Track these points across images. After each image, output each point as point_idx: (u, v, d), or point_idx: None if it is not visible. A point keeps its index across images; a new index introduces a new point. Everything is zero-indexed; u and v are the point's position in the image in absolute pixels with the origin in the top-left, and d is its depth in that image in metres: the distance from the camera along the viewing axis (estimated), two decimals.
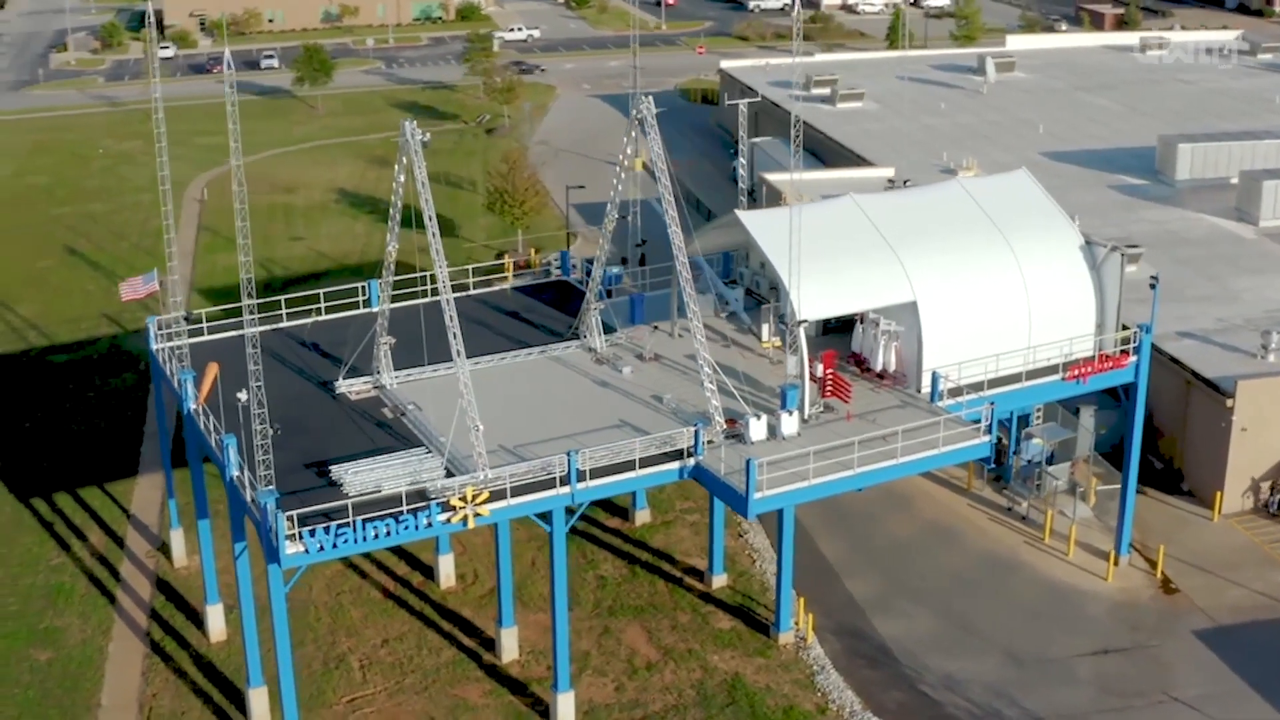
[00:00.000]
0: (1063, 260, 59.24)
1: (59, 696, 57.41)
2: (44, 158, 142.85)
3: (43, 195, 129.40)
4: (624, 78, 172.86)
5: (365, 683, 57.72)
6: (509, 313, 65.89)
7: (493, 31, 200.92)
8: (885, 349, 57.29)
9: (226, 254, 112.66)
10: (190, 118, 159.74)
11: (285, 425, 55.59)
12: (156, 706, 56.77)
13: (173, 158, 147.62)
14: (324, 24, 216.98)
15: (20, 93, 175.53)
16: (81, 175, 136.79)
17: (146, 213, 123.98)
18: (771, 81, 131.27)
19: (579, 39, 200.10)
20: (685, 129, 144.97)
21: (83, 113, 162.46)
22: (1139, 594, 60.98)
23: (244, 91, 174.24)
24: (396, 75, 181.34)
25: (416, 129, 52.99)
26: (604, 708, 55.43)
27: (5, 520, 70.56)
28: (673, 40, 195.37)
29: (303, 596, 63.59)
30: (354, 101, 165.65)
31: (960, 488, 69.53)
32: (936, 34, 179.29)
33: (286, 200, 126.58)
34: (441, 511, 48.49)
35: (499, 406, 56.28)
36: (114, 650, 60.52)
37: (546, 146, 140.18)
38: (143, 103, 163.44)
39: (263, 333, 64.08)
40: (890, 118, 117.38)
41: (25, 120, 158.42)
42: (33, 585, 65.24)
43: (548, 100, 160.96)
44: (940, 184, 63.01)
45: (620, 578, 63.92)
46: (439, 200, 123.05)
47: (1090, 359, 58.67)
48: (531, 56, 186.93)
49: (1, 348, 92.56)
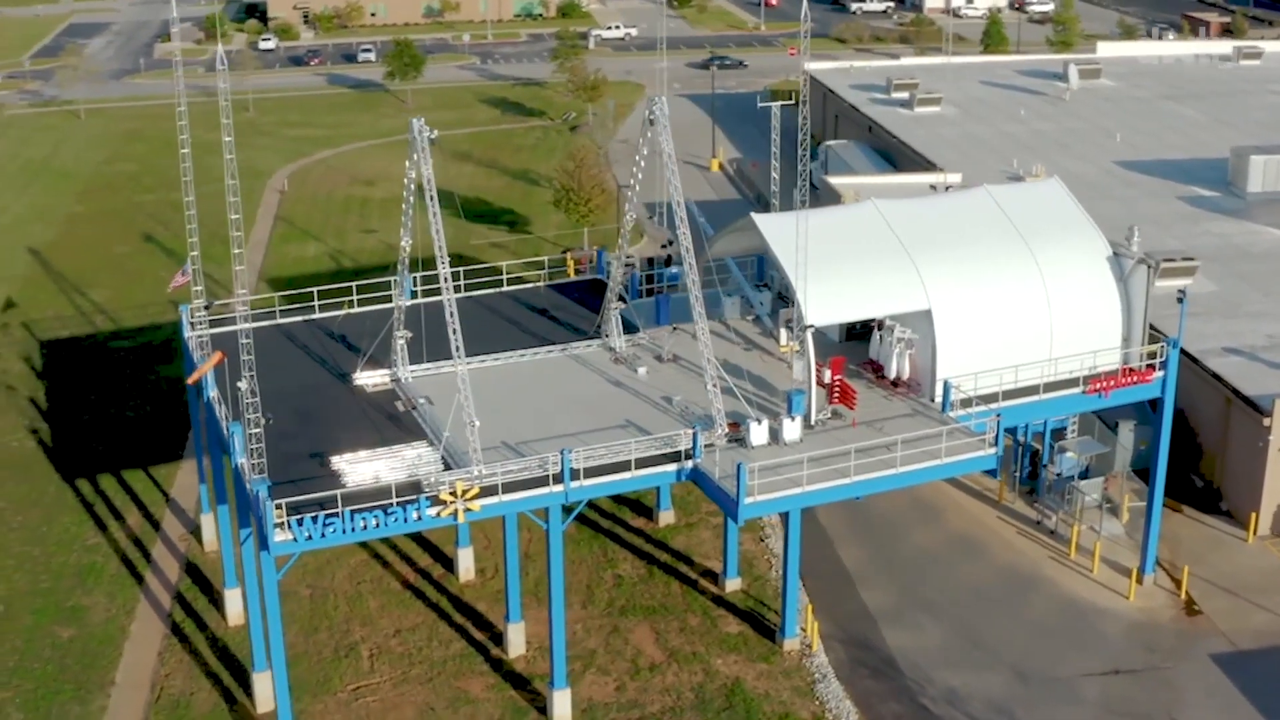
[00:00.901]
0: (1088, 271, 58.02)
1: (76, 673, 58.59)
2: (136, 145, 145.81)
3: (130, 182, 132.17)
4: (717, 78, 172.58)
5: (372, 671, 58.23)
6: (538, 310, 66.04)
7: (589, 29, 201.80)
8: (899, 357, 56.56)
9: (299, 244, 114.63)
10: (281, 109, 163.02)
11: (299, 416, 56.40)
12: (168, 686, 57.72)
13: (260, 148, 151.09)
14: (425, 19, 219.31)
15: (122, 81, 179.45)
16: (169, 164, 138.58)
17: (223, 201, 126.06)
18: (853, 84, 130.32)
19: (676, 38, 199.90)
20: (768, 131, 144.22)
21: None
22: (1159, 614, 59.63)
23: (338, 85, 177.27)
24: (489, 71, 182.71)
25: (424, 126, 53.09)
26: (603, 706, 55.39)
27: (50, 500, 72.19)
28: (769, 41, 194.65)
29: (324, 584, 64.45)
30: (444, 96, 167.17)
31: (992, 500, 68.49)
32: (1035, 39, 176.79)
33: (365, 193, 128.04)
34: (431, 505, 48.75)
35: (510, 403, 56.57)
36: (135, 630, 61.65)
37: (627, 145, 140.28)
38: (237, 94, 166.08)
39: (294, 324, 65.41)
40: (967, 123, 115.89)
41: (122, 108, 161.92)
42: (66, 564, 66.64)
43: (636, 99, 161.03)
44: (967, 191, 62.01)
45: (637, 577, 63.83)
46: (515, 196, 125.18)
47: (1113, 372, 57.33)
48: (626, 55, 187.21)
49: (70, 331, 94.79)
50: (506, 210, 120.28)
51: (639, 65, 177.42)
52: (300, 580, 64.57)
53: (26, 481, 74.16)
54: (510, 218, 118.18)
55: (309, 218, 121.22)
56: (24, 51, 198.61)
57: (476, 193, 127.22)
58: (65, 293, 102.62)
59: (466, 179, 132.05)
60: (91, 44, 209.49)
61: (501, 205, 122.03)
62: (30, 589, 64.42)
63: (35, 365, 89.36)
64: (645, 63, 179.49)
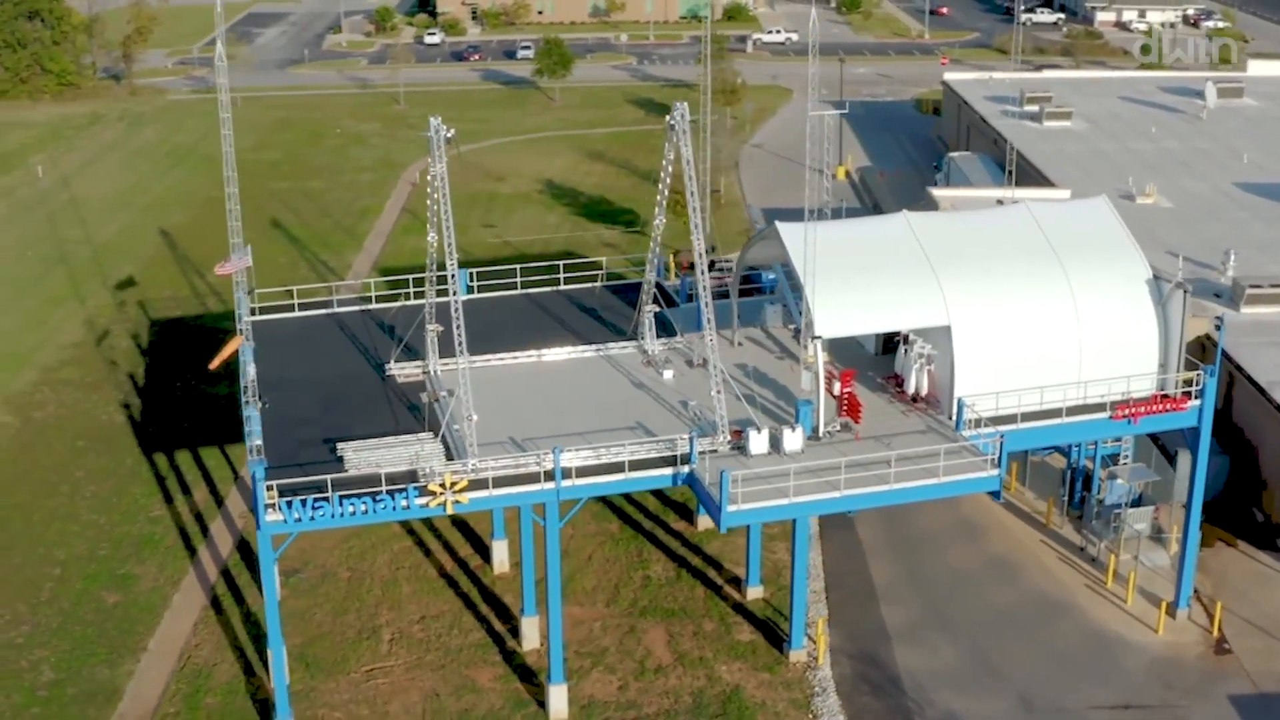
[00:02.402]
0: (1125, 294, 56.43)
1: (112, 637, 60.97)
2: (283, 134, 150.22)
3: (270, 170, 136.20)
4: (868, 84, 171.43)
5: (389, 654, 59.45)
6: (588, 310, 66.65)
7: (750, 33, 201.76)
8: (918, 372, 55.79)
9: (419, 236, 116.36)
10: (431, 103, 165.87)
11: (326, 402, 58.00)
12: (194, 656, 59.72)
13: (402, 140, 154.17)
14: (591, 18, 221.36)
15: (285, 71, 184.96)
16: (312, 153, 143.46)
17: (359, 192, 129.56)
18: (988, 96, 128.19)
19: (838, 44, 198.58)
20: (904, 140, 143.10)
21: (334, 93, 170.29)
22: (1186, 650, 57.76)
23: (491, 81, 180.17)
24: (642, 72, 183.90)
25: (441, 124, 54.09)
26: (602, 704, 55.75)
27: (125, 472, 75.11)
28: (930, 49, 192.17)
29: (364, 568, 65.99)
30: (592, 95, 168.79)
31: (1041, 522, 67.05)
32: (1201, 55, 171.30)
33: (493, 189, 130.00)
34: (420, 496, 49.71)
35: (528, 399, 57.41)
36: (177, 600, 63.85)
37: (759, 149, 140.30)
38: (391, 86, 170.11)
39: (350, 313, 67.19)
40: (1095, 139, 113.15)
41: (278, 97, 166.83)
42: (126, 534, 69.29)
43: (779, 104, 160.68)
44: (1007, 207, 60.72)
45: (665, 580, 63.99)
46: (639, 196, 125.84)
47: (1144, 398, 55.73)
48: (782, 60, 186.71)
49: (181, 311, 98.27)
50: (627, 210, 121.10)
51: (786, 70, 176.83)
52: (342, 563, 66.26)
53: (108, 454, 77.23)
54: (629, 217, 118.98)
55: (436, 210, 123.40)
56: (202, 38, 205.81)
57: (601, 191, 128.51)
58: (185, 274, 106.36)
59: (595, 178, 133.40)
60: (266, 33, 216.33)
61: (623, 205, 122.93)
62: (88, 555, 67.17)
63: (141, 343, 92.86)
64: (800, 67, 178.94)
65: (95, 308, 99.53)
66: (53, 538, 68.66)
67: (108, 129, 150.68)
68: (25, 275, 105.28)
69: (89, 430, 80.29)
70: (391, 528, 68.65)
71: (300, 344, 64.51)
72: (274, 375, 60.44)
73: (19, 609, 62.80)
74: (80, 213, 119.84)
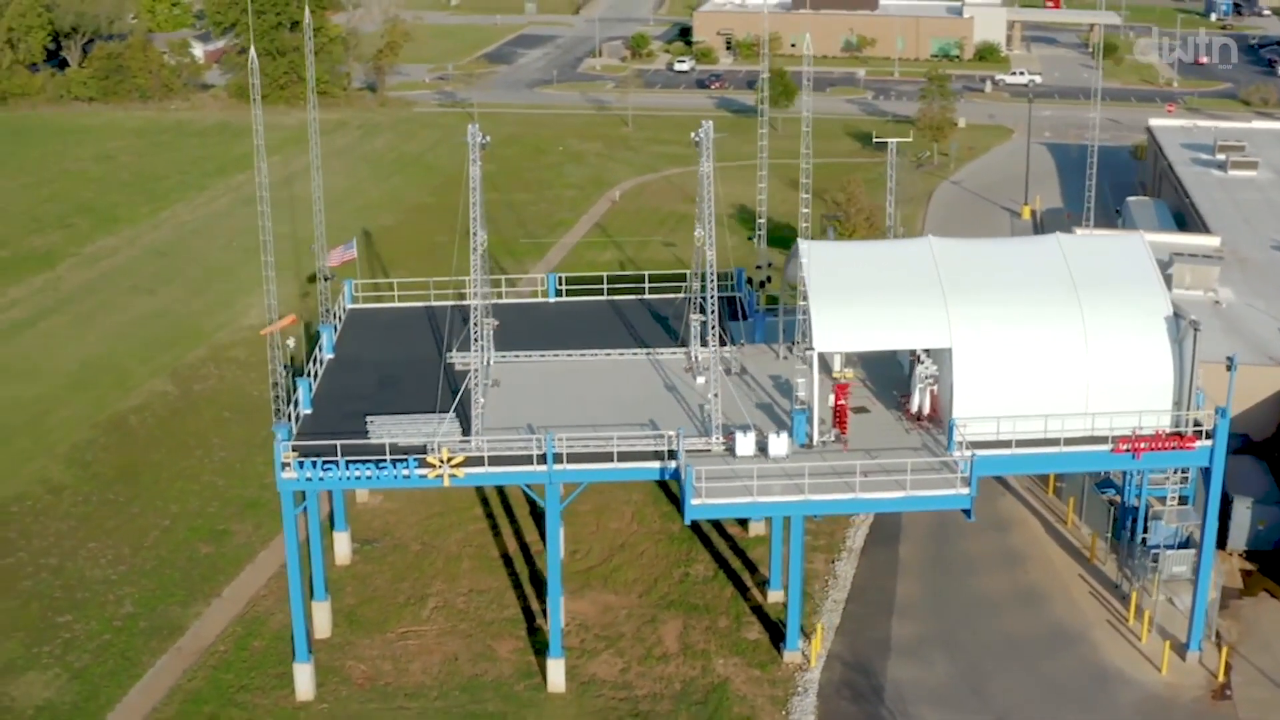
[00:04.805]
0: (1140, 329, 56.87)
1: (194, 583, 67.44)
2: (507, 149, 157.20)
3: (484, 181, 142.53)
4: (1092, 128, 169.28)
5: (428, 620, 64.17)
6: (660, 317, 70.28)
7: (993, 74, 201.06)
8: (921, 391, 57.57)
9: (599, 250, 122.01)
10: (657, 127, 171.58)
11: (382, 382, 63.44)
12: (259, 605, 65.65)
13: (618, 160, 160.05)
14: (843, 52, 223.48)
15: (532, 90, 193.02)
16: (529, 168, 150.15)
17: (560, 206, 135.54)
18: (1185, 143, 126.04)
19: (1077, 88, 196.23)
20: (1106, 184, 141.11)
21: (568, 113, 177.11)
22: (1183, 692, 57.64)
23: (724, 108, 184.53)
24: (874, 107, 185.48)
25: (477, 131, 58.60)
26: (600, 682, 59.18)
27: (258, 442, 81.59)
28: (1173, 97, 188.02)
29: (435, 543, 71.02)
30: (815, 126, 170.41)
31: (1085, 557, 67.40)
32: None
33: (686, 210, 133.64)
34: (420, 467, 54.33)
35: (560, 394, 61.62)
36: (262, 557, 69.96)
37: (956, 185, 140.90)
38: (622, 109, 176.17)
39: (440, 307, 72.60)
40: (1274, 189, 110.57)
41: (515, 114, 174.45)
42: (238, 496, 75.93)
43: (995, 143, 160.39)
44: (1036, 238, 61.73)
45: (702, 578, 66.89)
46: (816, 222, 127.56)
47: (1149, 434, 56.10)
48: (1016, 102, 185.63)
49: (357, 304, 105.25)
50: (795, 234, 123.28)
51: (1008, 110, 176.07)
52: (417, 537, 71.36)
53: (249, 425, 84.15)
54: (794, 238, 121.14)
55: (622, 227, 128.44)
56: (467, 55, 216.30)
57: (788, 218, 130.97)
58: (373, 271, 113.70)
59: (788, 205, 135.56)
60: (529, 54, 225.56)
61: (794, 230, 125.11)
62: (198, 511, 74.04)
63: (312, 330, 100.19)
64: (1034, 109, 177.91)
65: (281, 296, 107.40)
66: (173, 494, 75.77)
67: (345, 135, 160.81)
68: (226, 263, 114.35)
69: (237, 403, 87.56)
70: (472, 510, 73.44)
71: (385, 330, 70.20)
72: (349, 355, 66.46)
73: (122, 551, 69.86)
74: (293, 209, 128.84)
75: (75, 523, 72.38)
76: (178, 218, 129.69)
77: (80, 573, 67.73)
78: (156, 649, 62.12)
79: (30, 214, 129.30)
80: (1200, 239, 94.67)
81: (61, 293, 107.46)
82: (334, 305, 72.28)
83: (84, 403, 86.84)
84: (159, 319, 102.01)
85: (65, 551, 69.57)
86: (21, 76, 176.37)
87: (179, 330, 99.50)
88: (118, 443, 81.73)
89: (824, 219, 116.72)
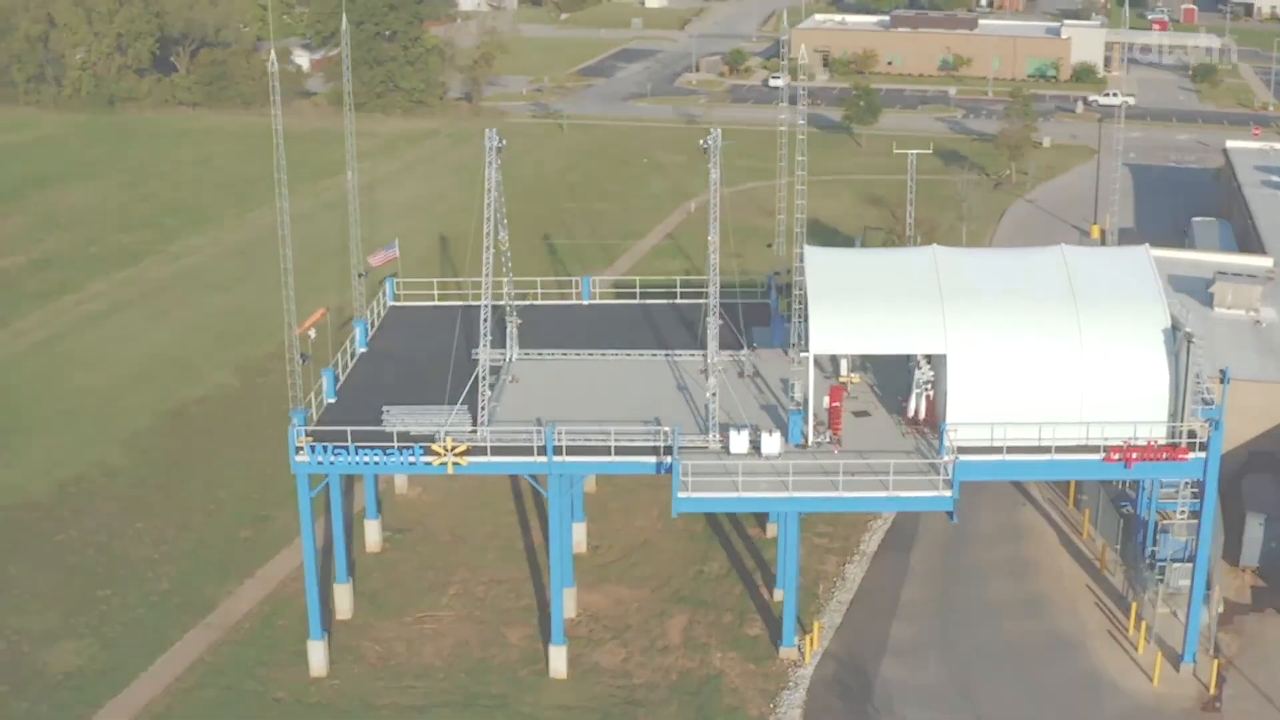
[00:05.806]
0: (1138, 341, 57.62)
1: (230, 564, 70.57)
2: (592, 160, 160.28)
3: (565, 191, 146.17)
4: (1180, 150, 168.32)
5: (446, 606, 66.67)
6: (687, 321, 72.21)
7: (1086, 95, 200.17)
8: (918, 396, 58.90)
9: (669, 259, 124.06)
10: (745, 139, 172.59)
11: (408, 375, 66.11)
12: (289, 586, 68.54)
13: (702, 173, 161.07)
14: (940, 71, 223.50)
15: (626, 103, 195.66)
16: (611, 178, 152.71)
17: (636, 216, 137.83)
18: (1259, 166, 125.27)
19: (1175, 110, 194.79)
20: (1181, 205, 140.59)
21: (657, 126, 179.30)
22: (1172, 703, 58.20)
23: (812, 125, 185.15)
24: (962, 125, 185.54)
25: (495, 134, 61.02)
26: (600, 670, 61.22)
27: None
28: (1267, 121, 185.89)
29: (466, 533, 73.47)
30: (898, 143, 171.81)
31: (1097, 568, 68.09)
32: None
33: (759, 223, 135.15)
34: (425, 454, 56.79)
35: (574, 390, 63.82)
36: (299, 543, 72.44)
37: (1030, 204, 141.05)
38: (707, 123, 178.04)
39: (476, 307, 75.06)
40: None
41: (606, 126, 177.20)
42: (284, 484, 78.13)
43: (1077, 162, 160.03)
44: (1041, 249, 62.58)
45: (715, 576, 68.61)
46: (876, 238, 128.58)
47: (1140, 445, 56.87)
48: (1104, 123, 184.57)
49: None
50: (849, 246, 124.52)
51: (1087, 130, 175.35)
52: (449, 528, 74.02)
53: None
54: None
55: (693, 238, 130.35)
56: (569, 68, 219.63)
57: (860, 233, 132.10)
58: (443, 273, 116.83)
59: (862, 220, 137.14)
60: (629, 68, 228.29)
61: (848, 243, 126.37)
62: (244, 496, 77.29)
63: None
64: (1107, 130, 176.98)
65: (348, 297, 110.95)
66: (222, 480, 79.12)
67: (435, 143, 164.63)
68: (299, 265, 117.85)
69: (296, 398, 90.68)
70: (505, 504, 75.86)
71: (420, 327, 72.88)
72: (383, 349, 69.29)
73: (167, 532, 73.23)
74: (371, 215, 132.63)
75: (126, 504, 75.94)
76: (263, 220, 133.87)
77: (125, 551, 71.17)
78: (186, 624, 65.22)
79: (123, 212, 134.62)
80: (1253, 259, 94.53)
81: (140, 287, 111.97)
82: (374, 302, 74.94)
83: (149, 393, 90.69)
84: (231, 315, 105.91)
85: (113, 530, 73.10)
86: (130, 81, 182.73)
87: (249, 326, 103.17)
88: (176, 431, 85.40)
89: (866, 229, 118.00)
